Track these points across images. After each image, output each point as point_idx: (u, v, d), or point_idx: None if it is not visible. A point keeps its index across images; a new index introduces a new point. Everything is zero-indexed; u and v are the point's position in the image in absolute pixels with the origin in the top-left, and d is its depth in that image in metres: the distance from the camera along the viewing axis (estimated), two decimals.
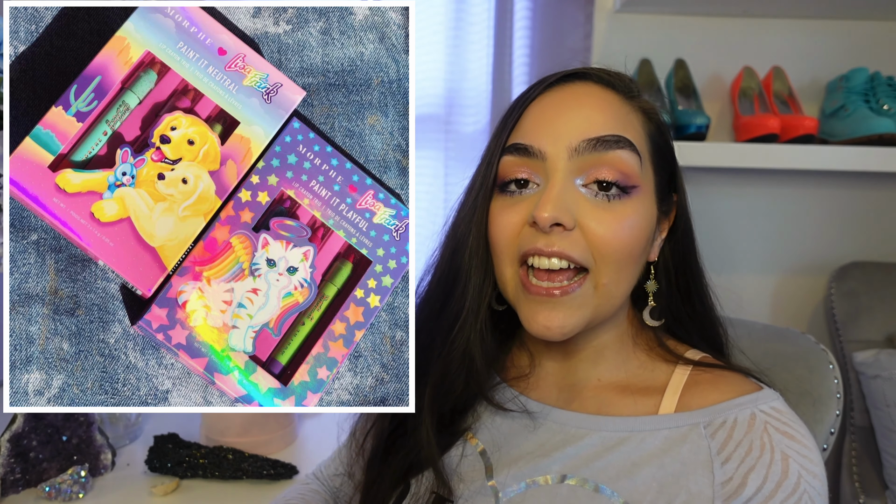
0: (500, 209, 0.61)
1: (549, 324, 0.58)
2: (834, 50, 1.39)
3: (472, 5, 1.31)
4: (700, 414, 0.58)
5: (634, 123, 0.60)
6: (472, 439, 0.65)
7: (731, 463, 0.55)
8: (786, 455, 0.54)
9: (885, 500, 1.24)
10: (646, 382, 0.63)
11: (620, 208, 0.58)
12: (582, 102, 0.60)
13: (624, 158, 0.58)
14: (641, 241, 0.59)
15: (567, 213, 0.56)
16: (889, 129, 1.21)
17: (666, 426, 0.58)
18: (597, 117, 0.59)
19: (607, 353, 0.65)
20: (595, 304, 0.59)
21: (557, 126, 0.59)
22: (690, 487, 0.55)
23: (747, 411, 0.57)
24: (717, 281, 0.70)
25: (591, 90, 0.61)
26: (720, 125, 1.42)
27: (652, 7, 1.36)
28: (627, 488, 0.56)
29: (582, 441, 0.60)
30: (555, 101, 0.61)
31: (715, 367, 0.62)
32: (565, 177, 0.58)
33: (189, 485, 0.99)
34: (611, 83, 0.62)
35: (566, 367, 0.66)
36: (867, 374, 1.24)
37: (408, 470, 0.64)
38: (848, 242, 1.46)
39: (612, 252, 0.57)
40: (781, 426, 0.56)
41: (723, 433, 0.56)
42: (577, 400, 0.64)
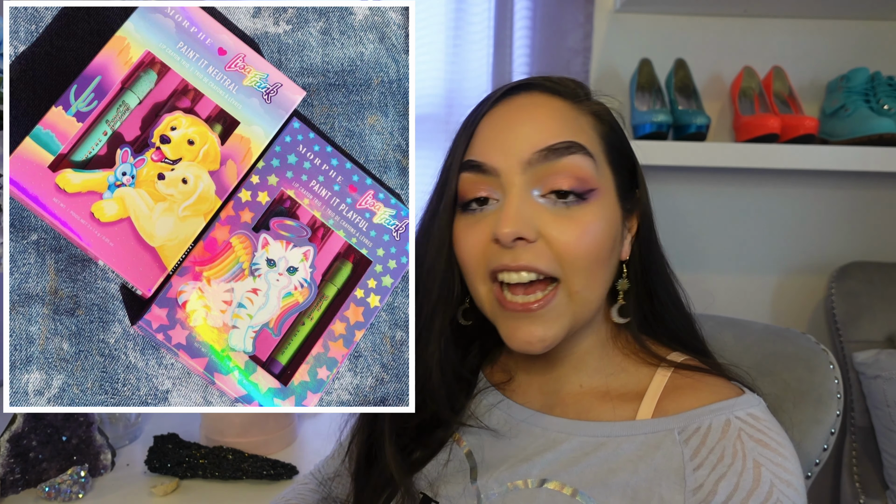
0: (463, 228, 0.61)
1: (530, 338, 0.59)
2: (834, 50, 1.39)
3: (472, 5, 1.31)
4: (675, 420, 0.57)
5: (584, 127, 0.60)
6: (460, 441, 0.66)
7: (702, 469, 0.54)
8: (758, 463, 0.53)
9: (885, 500, 1.24)
10: (626, 387, 0.63)
11: (581, 214, 0.58)
12: (529, 113, 0.60)
13: (577, 163, 0.58)
14: (607, 243, 0.59)
15: (527, 226, 0.57)
16: (889, 129, 1.21)
17: (642, 431, 0.58)
18: (545, 126, 0.59)
19: (588, 360, 0.65)
20: (572, 312, 0.59)
21: (507, 140, 0.59)
22: (663, 494, 0.54)
23: (722, 417, 0.56)
24: (717, 281, 0.70)
25: (538, 100, 0.61)
26: (720, 125, 1.42)
27: (652, 7, 1.36)
28: (604, 494, 0.56)
29: (561, 446, 0.60)
30: (503, 115, 0.61)
31: (697, 371, 0.62)
32: (522, 190, 0.58)
33: (189, 485, 0.99)
34: (556, 90, 0.62)
35: (549, 374, 0.66)
36: (867, 374, 1.24)
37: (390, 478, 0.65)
38: (848, 242, 1.46)
39: (578, 258, 0.58)
40: (756, 433, 0.55)
41: (696, 439, 0.55)
42: (559, 405, 0.64)
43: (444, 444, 0.66)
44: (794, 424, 0.77)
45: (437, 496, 0.62)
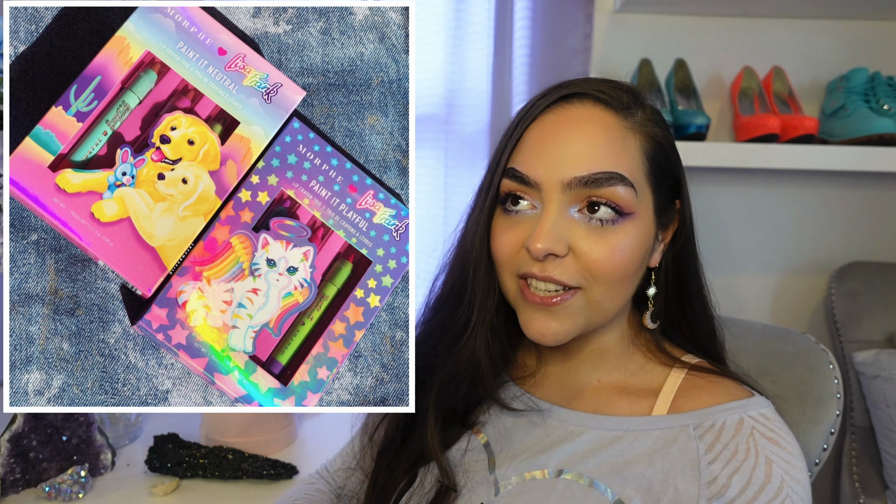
0: (501, 228, 0.63)
1: (544, 331, 0.61)
2: (834, 50, 1.39)
3: (472, 5, 1.31)
4: (691, 416, 0.60)
5: (630, 150, 0.60)
6: (478, 433, 0.67)
7: (716, 464, 0.57)
8: (769, 460, 0.56)
9: (885, 500, 1.24)
10: (642, 384, 0.65)
11: (613, 234, 0.59)
12: (578, 130, 0.60)
13: (618, 193, 0.59)
14: (635, 261, 0.61)
15: (559, 243, 0.58)
16: (889, 129, 1.21)
17: (658, 427, 0.60)
18: (591, 150, 0.59)
19: (608, 356, 0.67)
20: (588, 315, 0.61)
21: (553, 157, 0.59)
22: (678, 486, 0.57)
23: (736, 416, 0.59)
24: (717, 281, 0.70)
25: (589, 113, 0.61)
26: (720, 125, 1.42)
27: (652, 7, 1.36)
28: (619, 485, 0.58)
29: (579, 438, 0.62)
30: (551, 127, 0.61)
31: (710, 373, 0.64)
32: (559, 207, 0.59)
33: (189, 485, 0.99)
34: (609, 103, 0.61)
35: (568, 368, 0.68)
36: (867, 374, 1.24)
37: (416, 460, 0.67)
38: (848, 242, 1.46)
39: (603, 275, 0.59)
40: (767, 432, 0.58)
41: (711, 435, 0.58)
42: (577, 399, 0.66)
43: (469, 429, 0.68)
44: (794, 424, 0.77)
45: (455, 485, 0.64)
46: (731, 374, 0.65)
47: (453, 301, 0.67)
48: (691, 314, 0.68)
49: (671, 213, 0.65)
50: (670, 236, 0.66)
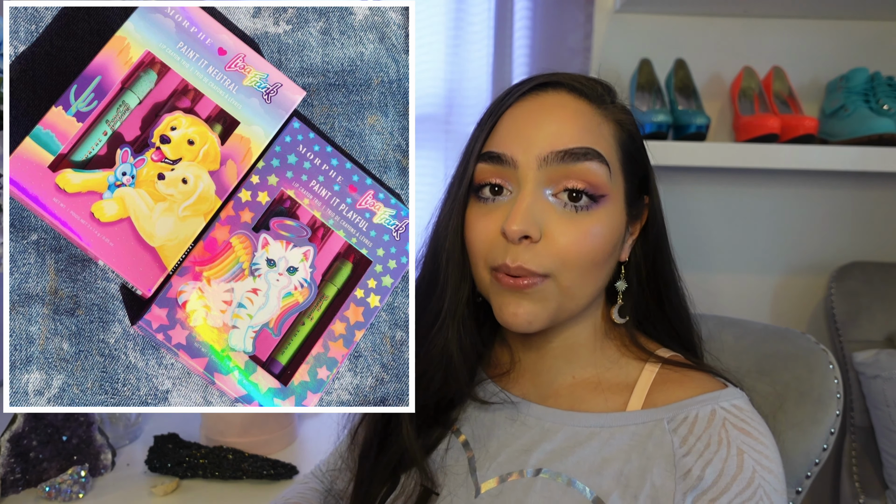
0: (476, 217, 0.63)
1: (517, 311, 0.60)
2: (834, 50, 1.39)
3: (472, 5, 1.31)
4: (664, 410, 0.60)
5: (605, 134, 0.61)
6: (456, 432, 0.67)
7: (690, 456, 0.57)
8: (741, 450, 0.57)
9: (885, 500, 1.24)
10: (617, 379, 0.65)
11: (586, 219, 0.60)
12: (554, 113, 0.61)
13: (592, 170, 0.59)
14: (606, 248, 0.61)
15: (534, 226, 0.58)
16: (889, 129, 1.21)
17: (633, 422, 0.61)
18: (567, 129, 0.60)
19: (581, 350, 0.67)
20: (559, 301, 0.61)
21: (529, 135, 0.60)
22: (655, 481, 0.57)
23: (708, 408, 0.59)
24: (716, 281, 0.70)
25: (564, 100, 0.62)
26: (720, 125, 1.42)
27: (652, 7, 1.36)
28: (597, 482, 0.58)
29: (555, 436, 0.62)
30: (527, 111, 0.62)
31: (684, 367, 0.64)
32: (535, 188, 0.59)
33: (189, 485, 0.99)
34: (583, 92, 0.63)
35: (542, 365, 0.68)
36: (867, 374, 1.24)
37: (397, 465, 0.67)
38: (848, 242, 1.46)
39: (573, 260, 0.59)
40: (739, 423, 0.58)
41: (684, 428, 0.59)
42: (552, 396, 0.66)
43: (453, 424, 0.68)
44: (794, 424, 0.77)
45: (436, 487, 0.64)
46: (704, 367, 0.65)
47: (425, 291, 0.67)
48: (669, 308, 0.68)
49: (640, 207, 0.66)
50: (639, 230, 0.67)
